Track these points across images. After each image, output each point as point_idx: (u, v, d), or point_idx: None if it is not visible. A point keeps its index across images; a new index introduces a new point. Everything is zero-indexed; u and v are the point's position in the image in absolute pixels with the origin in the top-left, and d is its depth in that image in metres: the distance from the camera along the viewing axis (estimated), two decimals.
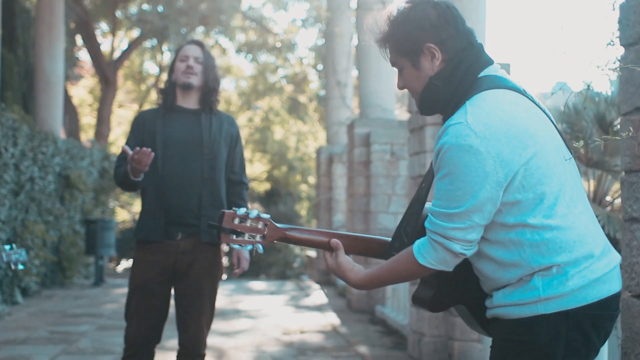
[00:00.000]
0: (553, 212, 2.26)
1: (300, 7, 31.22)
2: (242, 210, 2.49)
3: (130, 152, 4.03)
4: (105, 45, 24.30)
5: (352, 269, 2.46)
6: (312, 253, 16.91)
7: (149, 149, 4.03)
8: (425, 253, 2.28)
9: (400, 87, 2.51)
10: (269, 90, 27.94)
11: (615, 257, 2.37)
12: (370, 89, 10.28)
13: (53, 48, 13.18)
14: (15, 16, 13.92)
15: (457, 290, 2.46)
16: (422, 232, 2.38)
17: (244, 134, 32.32)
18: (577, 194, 2.36)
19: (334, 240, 2.50)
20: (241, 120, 31.83)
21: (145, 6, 22.08)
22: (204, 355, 4.44)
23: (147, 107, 30.81)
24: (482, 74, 2.38)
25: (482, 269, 2.34)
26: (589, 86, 3.43)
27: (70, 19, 18.38)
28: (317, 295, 11.91)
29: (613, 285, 2.31)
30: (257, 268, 23.65)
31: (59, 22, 13.42)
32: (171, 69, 4.42)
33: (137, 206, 23.74)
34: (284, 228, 2.51)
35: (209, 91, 4.38)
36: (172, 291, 4.42)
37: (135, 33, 23.77)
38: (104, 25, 24.44)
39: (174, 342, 4.52)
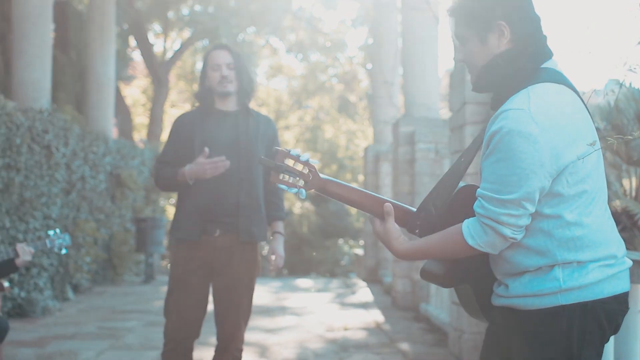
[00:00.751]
0: (588, 211, 2.30)
1: (349, 6, 31.20)
2: (294, 151, 2.52)
3: (207, 152, 4.16)
4: (157, 46, 24.67)
5: (398, 237, 2.47)
6: (359, 251, 16.91)
7: (227, 162, 4.16)
8: (476, 235, 2.30)
9: (458, 60, 2.53)
10: (319, 89, 28.02)
11: (628, 262, 2.41)
12: (415, 87, 10.27)
13: (104, 49, 13.44)
14: (68, 19, 14.24)
15: (468, 267, 2.48)
16: (453, 204, 2.43)
17: (294, 133, 32.49)
18: (605, 198, 2.40)
19: (388, 205, 2.49)
20: (292, 119, 31.99)
21: (197, 7, 22.35)
22: (241, 350, 4.51)
23: None
24: (545, 64, 2.40)
25: (502, 250, 2.36)
26: (621, 85, 3.42)
27: (123, 20, 18.68)
28: (363, 292, 11.93)
29: (626, 284, 2.36)
30: (308, 266, 23.79)
31: (110, 24, 13.67)
32: (203, 74, 4.48)
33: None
34: (325, 179, 2.52)
35: (245, 93, 4.46)
36: (211, 287, 4.51)
37: (187, 33, 24.03)
38: (156, 27, 24.78)
39: (212, 337, 4.59)
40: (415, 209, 2.53)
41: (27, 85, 10.10)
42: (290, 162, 2.50)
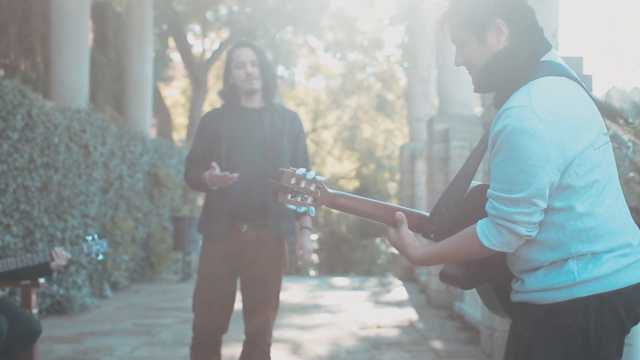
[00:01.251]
0: (600, 200, 2.30)
1: (387, 4, 31.16)
2: (300, 171, 2.54)
3: (217, 169, 4.19)
4: (196, 47, 24.83)
5: (412, 243, 2.48)
6: (396, 250, 16.83)
7: (235, 175, 4.18)
8: (490, 236, 2.30)
9: (458, 64, 2.52)
10: (357, 88, 28.01)
11: None
12: (450, 84, 10.24)
13: (142, 50, 13.60)
14: (107, 20, 14.42)
15: (486, 268, 2.49)
16: (464, 206, 2.44)
17: (332, 132, 32.50)
18: (618, 185, 2.39)
19: (399, 213, 2.50)
20: (330, 118, 32.01)
21: (235, 7, 22.48)
22: (269, 345, 4.53)
23: None
24: (544, 57, 2.40)
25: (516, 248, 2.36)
26: None
27: (162, 21, 18.87)
28: (399, 291, 11.92)
29: None
30: (347, 265, 23.82)
31: (147, 25, 13.83)
32: (227, 72, 4.49)
33: None
34: (334, 194, 2.54)
35: (269, 89, 4.49)
36: (239, 282, 4.55)
37: (225, 34, 24.19)
38: (195, 28, 24.97)
39: (240, 332, 4.63)
40: (428, 214, 2.55)
41: (66, 85, 10.26)
42: (296, 182, 2.53)
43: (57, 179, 8.86)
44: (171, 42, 22.60)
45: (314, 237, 24.98)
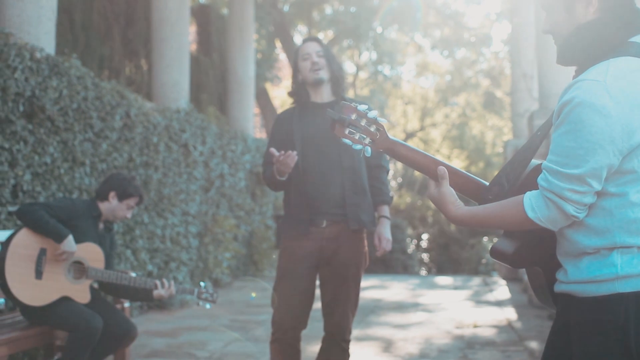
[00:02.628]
0: None
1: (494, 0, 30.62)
2: (362, 107, 2.45)
3: (276, 154, 4.19)
4: None
5: (453, 201, 2.40)
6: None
7: (294, 152, 4.17)
8: (537, 208, 2.19)
9: (545, 31, 2.42)
10: (465, 85, 27.64)
11: None
12: (550, 79, 9.93)
13: (244, 50, 13.79)
14: (210, 22, 14.71)
15: (539, 249, 2.37)
16: (525, 182, 2.34)
17: (441, 130, 32.18)
18: None
19: (442, 168, 2.42)
20: (438, 116, 31.70)
21: (341, 7, 22.53)
22: (349, 341, 4.49)
23: None
24: (634, 39, 2.26)
25: (565, 227, 2.24)
26: None
27: (267, 22, 19.08)
28: (501, 290, 11.67)
29: None
30: (455, 264, 23.54)
31: (249, 25, 14.01)
32: (295, 69, 4.52)
33: None
34: (393, 140, 2.45)
35: (337, 81, 4.46)
36: (318, 279, 4.53)
37: (331, 34, 24.29)
38: (301, 28, 25.17)
39: (320, 329, 4.61)
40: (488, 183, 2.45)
41: (167, 86, 10.51)
42: (357, 118, 2.43)
43: (157, 178, 9.07)
44: (278, 44, 22.84)
45: (424, 236, 24.80)
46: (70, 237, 4.83)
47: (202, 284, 5.34)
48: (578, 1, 2.28)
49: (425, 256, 27.10)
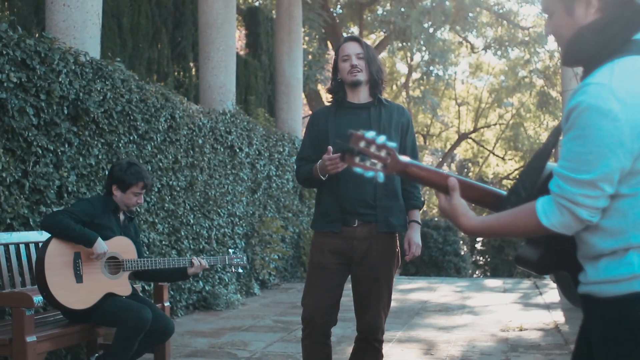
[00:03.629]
0: None
1: None
2: (370, 134, 2.45)
3: (331, 152, 4.19)
4: None
5: (465, 213, 2.39)
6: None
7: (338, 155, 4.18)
8: (550, 215, 2.18)
9: (547, 34, 2.41)
10: (519, 85, 27.34)
11: None
12: None
13: (292, 52, 13.84)
14: (259, 24, 14.81)
15: (564, 253, 2.34)
16: (542, 188, 2.30)
17: (494, 131, 31.88)
18: None
19: (452, 179, 2.41)
20: (491, 117, 31.42)
21: (391, 7, 22.47)
22: (381, 341, 4.50)
23: None
24: (637, 36, 2.24)
25: (581, 230, 2.22)
26: None
27: (318, 24, 19.14)
28: (551, 293, 11.50)
29: None
30: (510, 267, 23.31)
31: (298, 27, 14.06)
32: (335, 68, 4.52)
33: None
34: (405, 162, 2.44)
35: (375, 83, 4.45)
36: (349, 278, 4.53)
37: (382, 34, 24.25)
38: (352, 29, 25.16)
39: (354, 330, 4.61)
40: (505, 193, 2.44)
41: (213, 89, 10.60)
42: (366, 145, 2.44)
43: (203, 179, 9.17)
44: (329, 45, 22.87)
45: (479, 239, 24.61)
46: (100, 239, 4.90)
47: (230, 250, 5.43)
48: (578, 3, 2.26)
49: (480, 258, 26.90)
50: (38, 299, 4.42)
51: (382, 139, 2.44)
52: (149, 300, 5.48)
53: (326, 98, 25.52)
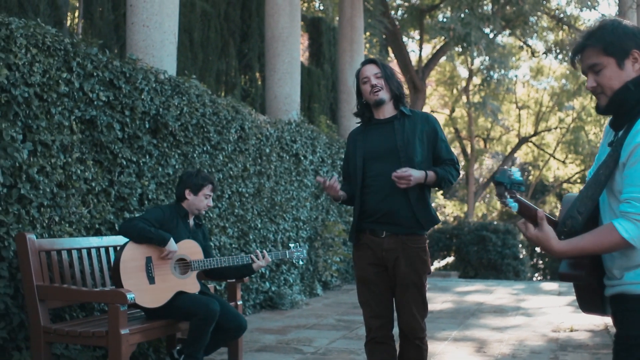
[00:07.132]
0: None
1: (607, 2, 30.08)
2: (517, 175, 2.85)
3: (322, 180, 4.61)
4: (413, 54, 25.35)
5: (555, 237, 2.77)
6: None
7: (335, 175, 4.62)
8: (630, 231, 2.62)
9: (592, 86, 2.83)
10: (580, 89, 27.31)
11: None
12: None
13: (354, 62, 14.29)
14: (322, 34, 15.30)
15: (598, 264, 2.81)
16: (595, 213, 2.81)
17: (555, 135, 31.78)
18: None
19: (541, 212, 2.83)
20: (552, 121, 31.34)
21: (451, 14, 22.73)
22: (422, 339, 4.77)
23: (457, 110, 31.51)
24: None
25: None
26: None
27: (380, 31, 19.52)
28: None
29: None
30: None
31: (359, 36, 14.51)
32: (358, 91, 4.83)
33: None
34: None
35: (398, 98, 4.76)
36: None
37: (442, 40, 24.51)
38: (413, 34, 25.49)
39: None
40: (555, 218, 2.90)
41: (279, 99, 11.15)
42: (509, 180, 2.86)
43: (269, 186, 9.70)
44: (390, 51, 23.22)
45: None
46: (172, 239, 5.50)
47: (291, 244, 6.01)
48: (627, 60, 2.74)
49: (540, 262, 26.92)
50: (131, 296, 4.98)
51: (517, 174, 2.88)
52: (219, 296, 6.04)
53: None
